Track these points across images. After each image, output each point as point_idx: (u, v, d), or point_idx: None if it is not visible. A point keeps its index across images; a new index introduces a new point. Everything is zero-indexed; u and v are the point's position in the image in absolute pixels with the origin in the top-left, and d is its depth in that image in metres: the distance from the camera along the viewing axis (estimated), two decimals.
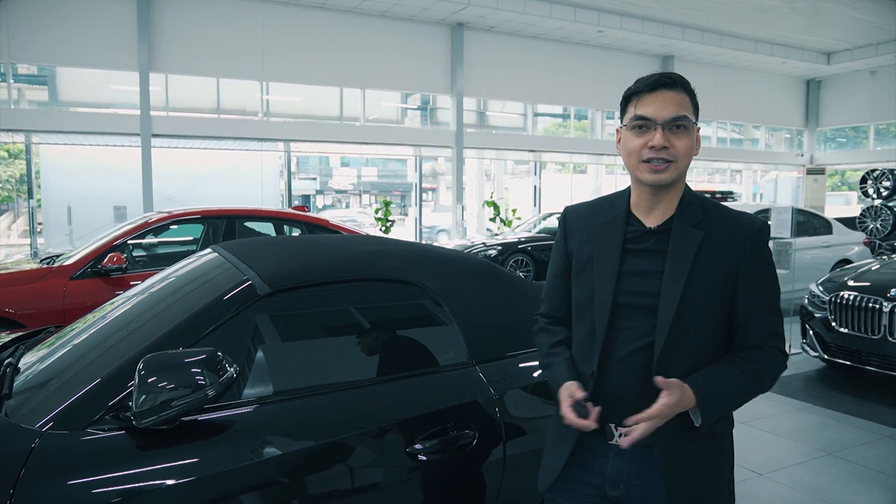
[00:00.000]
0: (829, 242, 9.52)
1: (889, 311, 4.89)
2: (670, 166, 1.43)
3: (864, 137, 22.89)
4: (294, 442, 1.77)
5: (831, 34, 18.61)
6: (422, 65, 16.05)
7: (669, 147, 1.42)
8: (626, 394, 1.44)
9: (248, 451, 1.71)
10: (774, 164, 23.76)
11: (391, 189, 24.26)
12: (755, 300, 1.46)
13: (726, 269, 1.44)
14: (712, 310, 1.44)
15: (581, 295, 1.54)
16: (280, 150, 15.28)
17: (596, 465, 1.51)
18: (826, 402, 4.98)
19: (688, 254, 1.43)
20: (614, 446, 1.48)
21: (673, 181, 1.45)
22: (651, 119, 1.43)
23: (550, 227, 13.09)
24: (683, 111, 1.43)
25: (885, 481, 3.58)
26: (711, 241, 1.44)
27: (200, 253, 2.56)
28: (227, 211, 5.80)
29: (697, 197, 1.51)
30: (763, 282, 1.47)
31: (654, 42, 17.94)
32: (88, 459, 1.59)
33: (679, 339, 1.42)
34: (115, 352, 1.86)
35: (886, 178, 12.08)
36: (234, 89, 14.35)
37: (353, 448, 1.84)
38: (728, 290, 1.45)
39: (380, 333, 2.16)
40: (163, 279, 2.37)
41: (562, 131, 19.85)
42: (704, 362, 1.44)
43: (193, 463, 1.65)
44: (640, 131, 1.45)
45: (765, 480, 3.58)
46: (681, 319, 1.41)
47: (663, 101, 1.43)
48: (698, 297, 1.42)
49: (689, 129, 1.44)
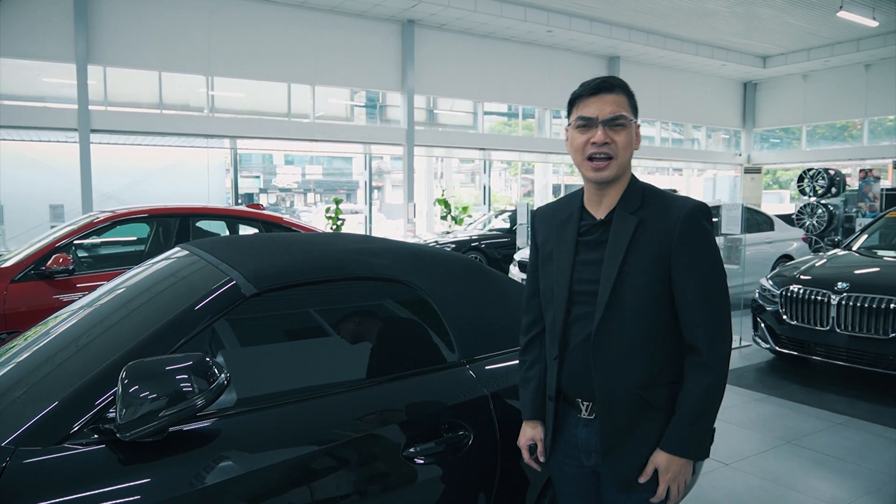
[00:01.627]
0: (772, 238, 9.86)
1: (836, 303, 5.09)
2: (611, 163, 1.57)
3: (794, 138, 23.92)
4: (290, 449, 1.68)
5: (767, 39, 19.37)
6: (373, 62, 15.89)
7: (610, 143, 1.56)
8: (585, 374, 1.61)
9: (241, 461, 1.62)
10: (713, 164, 24.59)
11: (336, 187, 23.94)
12: (692, 278, 1.55)
13: (660, 249, 1.55)
14: (648, 288, 1.55)
15: (546, 286, 1.70)
16: (226, 146, 14.86)
17: (571, 436, 1.69)
18: (779, 392, 5.15)
19: (624, 238, 1.57)
20: (583, 419, 1.66)
21: (615, 177, 1.59)
22: (593, 118, 1.57)
23: (502, 225, 13.15)
24: (621, 111, 1.57)
25: (842, 467, 3.72)
26: (646, 225, 1.57)
27: (170, 252, 2.43)
28: (180, 209, 5.57)
29: (640, 186, 1.64)
30: (699, 260, 1.56)
31: (602, 43, 18.28)
32: (67, 477, 1.46)
33: (615, 317, 1.56)
34: (90, 359, 1.73)
35: (822, 177, 12.67)
36: (178, 83, 13.86)
37: (351, 453, 1.77)
38: (664, 268, 1.55)
39: (370, 333, 2.09)
40: (131, 280, 2.23)
41: (508, 130, 20.00)
42: (642, 339, 1.56)
43: (183, 476, 1.54)
44: (584, 129, 1.59)
45: (731, 470, 3.66)
46: (616, 298, 1.55)
47: (603, 102, 1.57)
48: (633, 277, 1.55)
49: (627, 126, 1.58)
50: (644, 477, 1.57)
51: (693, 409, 1.54)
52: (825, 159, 21.31)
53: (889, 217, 6.77)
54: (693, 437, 1.54)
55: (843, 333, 5.06)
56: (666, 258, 1.55)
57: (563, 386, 1.67)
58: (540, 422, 1.76)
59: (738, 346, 6.58)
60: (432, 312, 2.11)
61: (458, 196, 19.91)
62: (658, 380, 1.58)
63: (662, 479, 1.55)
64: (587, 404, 1.64)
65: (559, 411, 1.70)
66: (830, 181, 12.45)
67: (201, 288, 1.85)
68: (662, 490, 1.55)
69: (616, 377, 1.57)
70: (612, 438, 1.59)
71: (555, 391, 1.68)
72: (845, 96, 21.42)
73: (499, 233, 12.75)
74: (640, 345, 1.56)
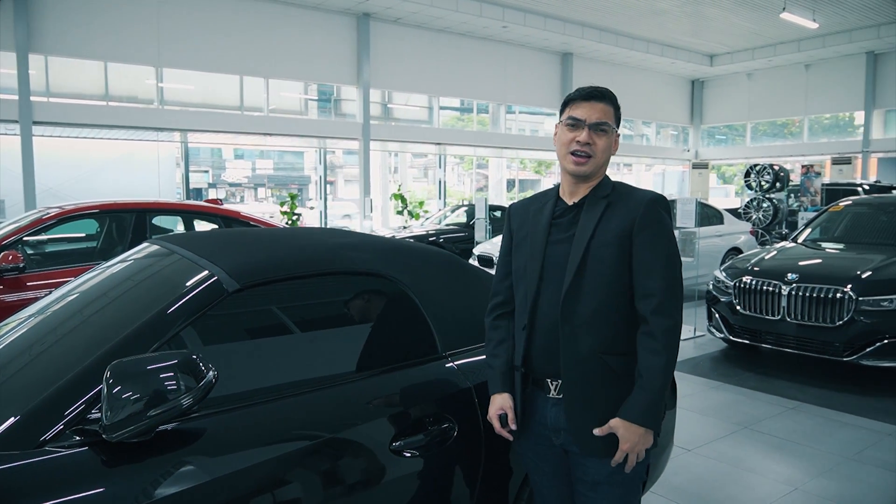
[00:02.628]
0: (722, 232, 10.18)
1: (787, 293, 5.31)
2: (589, 161, 1.77)
3: (739, 135, 24.74)
4: (279, 446, 1.67)
5: (714, 38, 19.95)
6: (328, 55, 15.70)
7: (592, 144, 1.77)
8: (553, 343, 1.76)
9: (230, 459, 1.59)
10: (663, 159, 25.22)
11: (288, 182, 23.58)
12: (649, 253, 1.72)
13: (623, 226, 1.74)
14: (612, 259, 1.73)
15: (518, 265, 1.88)
16: (177, 140, 14.47)
17: (540, 416, 1.82)
18: (733, 379, 5.34)
19: (594, 216, 1.77)
20: (551, 399, 1.79)
21: (592, 173, 1.80)
22: (581, 120, 1.78)
23: (459, 220, 13.19)
24: (607, 118, 1.80)
25: (796, 449, 3.89)
26: (614, 207, 1.78)
27: (140, 247, 2.36)
28: (135, 205, 5.39)
29: (611, 181, 1.86)
30: (657, 238, 1.73)
31: (556, 39, 18.50)
32: (50, 482, 1.41)
33: (582, 283, 1.73)
34: (68, 358, 1.67)
35: (767, 172, 13.14)
36: (125, 74, 13.40)
37: (340, 449, 1.76)
38: (626, 243, 1.73)
39: (354, 328, 2.08)
40: (104, 277, 2.16)
41: (461, 125, 20.06)
42: (605, 306, 1.73)
43: (172, 476, 1.51)
44: (572, 128, 1.79)
45: (693, 455, 3.78)
46: (584, 266, 1.74)
47: (592, 108, 1.79)
48: (599, 249, 1.73)
49: (608, 133, 1.80)
50: (601, 432, 1.70)
51: (648, 380, 1.68)
52: (768, 155, 22.13)
53: (832, 211, 7.08)
54: (647, 407, 1.68)
55: (792, 322, 5.28)
56: (629, 234, 1.73)
57: (532, 363, 1.81)
58: (509, 393, 1.86)
59: (693, 336, 6.79)
60: (413, 306, 2.11)
61: (413, 191, 19.86)
62: (617, 347, 1.74)
63: (622, 446, 1.69)
64: (556, 383, 1.77)
65: (528, 393, 1.83)
66: (775, 176, 12.92)
67: (182, 284, 1.81)
68: (620, 455, 1.69)
69: (581, 338, 1.72)
70: (574, 399, 1.73)
71: (521, 360, 1.81)
72: (787, 95, 22.26)
73: (456, 227, 12.78)
74: (602, 311, 1.73)
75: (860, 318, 4.94)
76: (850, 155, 18.98)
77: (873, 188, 12.68)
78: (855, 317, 4.96)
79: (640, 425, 1.68)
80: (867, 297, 4.96)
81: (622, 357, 1.73)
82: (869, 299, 4.95)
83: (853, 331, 4.97)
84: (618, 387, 1.72)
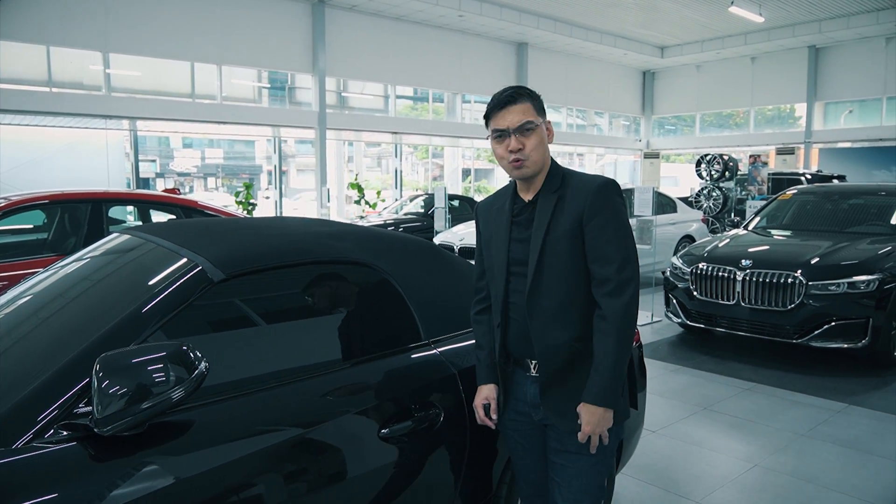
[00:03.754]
0: (675, 220, 10.45)
1: (741, 279, 5.50)
2: (526, 163, 1.80)
3: (687, 125, 25.37)
4: (271, 435, 1.66)
5: (665, 30, 20.37)
6: (283, 42, 15.40)
7: (523, 148, 1.79)
8: (525, 335, 1.85)
9: (222, 450, 1.58)
10: (615, 149, 25.67)
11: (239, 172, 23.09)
12: (600, 239, 1.76)
13: (574, 216, 1.78)
14: (567, 253, 1.78)
15: (489, 265, 1.95)
16: (125, 128, 13.99)
17: (521, 394, 1.91)
18: (691, 363, 5.53)
19: (547, 212, 1.81)
20: (530, 377, 1.89)
21: (533, 173, 1.83)
22: (504, 130, 1.80)
23: (416, 209, 13.17)
24: (528, 117, 1.80)
25: (753, 428, 4.06)
26: (564, 199, 1.81)
27: (111, 238, 2.30)
28: (90, 195, 5.22)
29: (560, 171, 1.88)
30: (606, 224, 1.77)
31: (511, 29, 18.58)
32: (38, 479, 1.37)
33: (543, 278, 1.80)
34: (51, 352, 1.62)
35: (717, 161, 13.53)
36: (70, 60, 12.86)
37: (331, 436, 1.77)
38: (578, 233, 1.78)
39: (339, 317, 2.08)
40: (77, 268, 2.10)
41: (416, 114, 19.99)
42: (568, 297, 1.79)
43: (165, 468, 1.49)
44: (500, 140, 1.83)
45: (658, 436, 3.91)
46: (542, 262, 1.80)
47: (510, 114, 1.80)
48: (555, 243, 1.79)
49: (535, 129, 1.81)
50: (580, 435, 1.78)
51: (600, 361, 1.75)
52: (716, 145, 22.77)
53: (780, 200, 7.35)
54: (602, 388, 1.75)
55: (746, 307, 5.48)
56: (579, 220, 1.77)
57: (510, 349, 1.91)
58: (495, 385, 1.95)
59: (650, 321, 6.98)
60: (396, 294, 2.13)
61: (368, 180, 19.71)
62: (587, 333, 1.80)
63: (584, 427, 1.77)
64: (534, 362, 1.86)
65: (510, 372, 1.94)
66: (725, 166, 13.31)
67: (166, 274, 1.77)
68: (583, 436, 1.77)
69: (549, 332, 1.80)
70: (549, 379, 1.82)
71: (499, 354, 1.91)
72: (734, 87, 22.91)
73: (414, 217, 12.76)
74: (566, 302, 1.79)
75: (809, 302, 5.17)
76: (794, 145, 19.70)
77: (815, 178, 13.21)
78: (805, 300, 5.18)
79: (598, 405, 1.75)
80: (816, 281, 5.18)
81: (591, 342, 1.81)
82: (818, 283, 5.18)
83: (803, 314, 5.20)
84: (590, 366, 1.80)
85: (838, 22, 18.51)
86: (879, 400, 4.54)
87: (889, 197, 6.56)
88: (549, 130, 1.86)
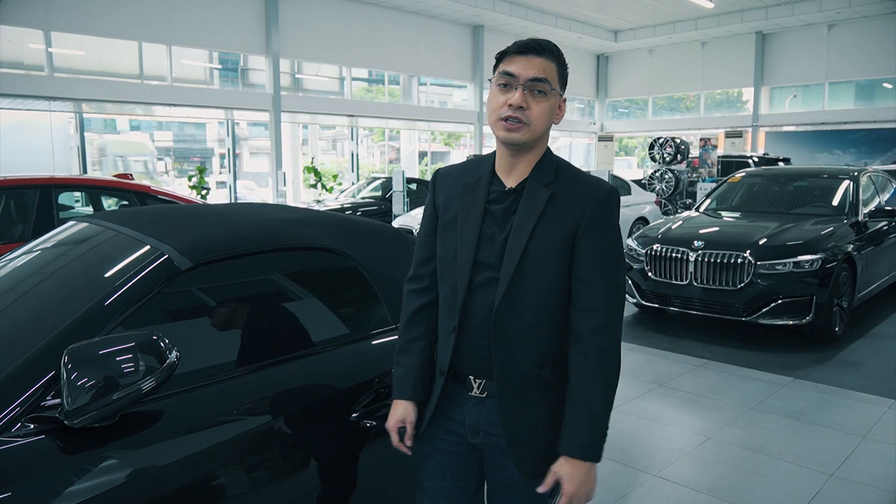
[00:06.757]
0: (629, 202, 10.68)
1: (694, 260, 5.68)
2: (523, 128, 1.46)
3: (640, 108, 25.84)
4: (242, 422, 1.67)
5: (619, 14, 20.62)
6: (235, 22, 15.03)
7: (526, 109, 1.45)
8: (483, 349, 1.51)
9: (195, 438, 1.58)
10: (570, 132, 25.98)
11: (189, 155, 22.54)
12: (593, 260, 1.48)
13: (568, 226, 1.47)
14: (553, 264, 1.48)
15: (444, 252, 1.57)
16: (71, 110, 13.48)
17: (457, 414, 1.57)
18: (646, 341, 5.70)
19: (535, 211, 1.48)
20: (473, 397, 1.55)
21: (527, 142, 1.49)
22: (514, 76, 1.46)
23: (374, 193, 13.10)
24: (546, 75, 1.47)
25: (706, 403, 4.23)
26: (558, 200, 1.49)
27: (66, 226, 2.24)
28: (38, 180, 5.05)
29: (554, 160, 1.56)
30: (603, 242, 1.49)
31: (467, 11, 18.53)
32: (7, 472, 1.35)
33: (519, 290, 1.47)
34: (13, 344, 1.58)
35: (669, 144, 13.84)
36: (9, 38, 12.29)
37: (304, 422, 1.78)
38: (568, 246, 1.48)
39: (307, 303, 2.09)
40: (34, 258, 2.04)
41: (370, 96, 19.82)
42: (542, 316, 1.49)
43: (136, 458, 1.49)
44: (504, 89, 1.48)
45: (616, 413, 4.02)
46: (522, 270, 1.47)
47: (529, 62, 1.47)
48: (539, 251, 1.47)
49: (548, 95, 1.48)
50: (544, 487, 1.47)
51: (586, 408, 1.44)
52: (668, 129, 23.28)
53: (730, 182, 7.59)
54: (591, 439, 1.44)
55: (698, 286, 5.67)
56: (572, 234, 1.48)
57: (458, 361, 1.55)
58: (414, 403, 1.61)
59: None
60: (364, 280, 2.14)
61: (324, 163, 19.50)
62: (553, 358, 1.51)
63: (566, 488, 1.43)
64: (480, 381, 1.54)
65: (446, 387, 1.58)
66: (677, 149, 13.64)
67: (132, 263, 1.75)
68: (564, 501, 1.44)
69: (516, 353, 1.49)
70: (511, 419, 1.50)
71: (447, 366, 1.55)
72: (685, 71, 23.42)
73: (372, 201, 12.69)
74: (539, 321, 1.49)
75: (758, 281, 5.38)
76: (742, 129, 20.29)
77: (762, 160, 13.67)
78: (753, 280, 5.39)
79: (584, 460, 1.43)
80: (764, 261, 5.39)
81: (558, 367, 1.51)
82: (766, 263, 5.38)
83: (751, 292, 5.41)
84: (555, 399, 1.51)
85: (784, 9, 19.07)
86: (823, 374, 4.78)
87: (831, 179, 6.84)
88: (560, 110, 1.54)
